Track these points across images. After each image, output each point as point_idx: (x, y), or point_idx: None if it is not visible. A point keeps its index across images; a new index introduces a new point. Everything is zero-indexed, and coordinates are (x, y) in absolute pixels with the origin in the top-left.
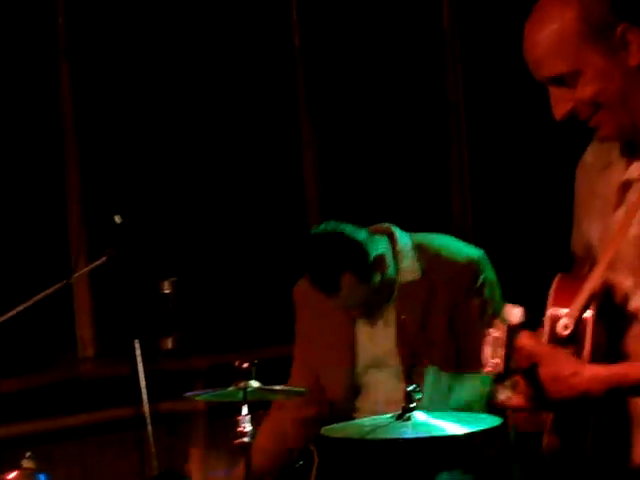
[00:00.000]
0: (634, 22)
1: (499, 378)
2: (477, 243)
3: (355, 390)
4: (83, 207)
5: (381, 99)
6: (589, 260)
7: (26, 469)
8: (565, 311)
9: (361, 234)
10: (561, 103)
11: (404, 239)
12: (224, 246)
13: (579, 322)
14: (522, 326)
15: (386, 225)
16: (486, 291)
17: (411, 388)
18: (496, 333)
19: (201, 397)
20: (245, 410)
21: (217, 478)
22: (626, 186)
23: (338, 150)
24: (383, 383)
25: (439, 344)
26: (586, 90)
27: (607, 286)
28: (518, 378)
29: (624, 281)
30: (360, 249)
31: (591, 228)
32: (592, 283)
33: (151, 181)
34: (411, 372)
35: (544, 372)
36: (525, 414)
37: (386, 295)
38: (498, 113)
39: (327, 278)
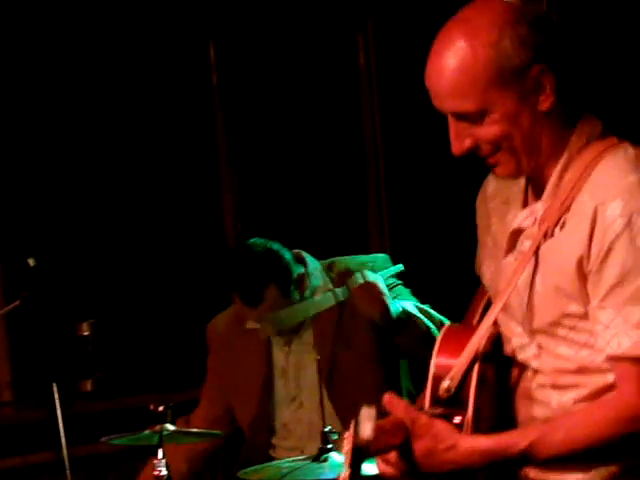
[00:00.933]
0: (550, 65)
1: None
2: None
3: (271, 427)
4: None
5: (298, 136)
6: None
7: None
8: (450, 363)
9: (287, 252)
10: (461, 138)
11: (314, 263)
12: (143, 288)
13: (463, 382)
14: (370, 442)
15: (297, 251)
16: (391, 279)
17: (327, 429)
18: (346, 447)
19: (117, 441)
20: (160, 454)
21: None
22: (517, 233)
23: (257, 187)
24: (304, 419)
25: (359, 345)
26: (490, 130)
27: (496, 338)
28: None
29: (513, 333)
30: (286, 264)
31: (483, 266)
32: (480, 333)
33: (67, 222)
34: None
35: (418, 446)
36: None
37: (303, 316)
38: (416, 148)
39: (252, 288)
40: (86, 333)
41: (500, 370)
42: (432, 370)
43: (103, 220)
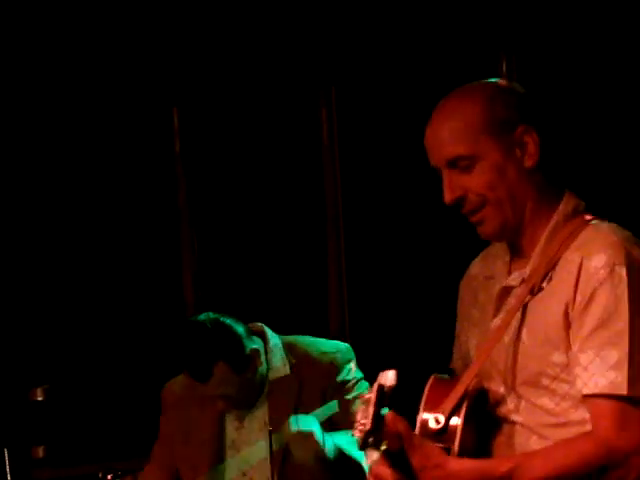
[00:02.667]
0: (534, 125)
1: (367, 439)
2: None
3: None
4: None
5: (260, 204)
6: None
7: None
8: (438, 401)
9: (239, 327)
10: (453, 188)
11: (274, 338)
12: (98, 354)
13: (449, 421)
14: (395, 389)
15: (259, 324)
16: (357, 373)
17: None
18: (368, 395)
19: None
20: None
21: None
22: (506, 292)
23: (218, 254)
24: None
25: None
26: (480, 178)
27: (480, 391)
28: (383, 462)
29: (496, 387)
30: (237, 340)
31: (469, 338)
32: (464, 385)
33: (21, 286)
34: None
35: (410, 459)
36: None
37: (256, 393)
38: (378, 227)
39: (201, 364)
40: (40, 398)
41: (483, 421)
42: (421, 415)
43: (59, 284)
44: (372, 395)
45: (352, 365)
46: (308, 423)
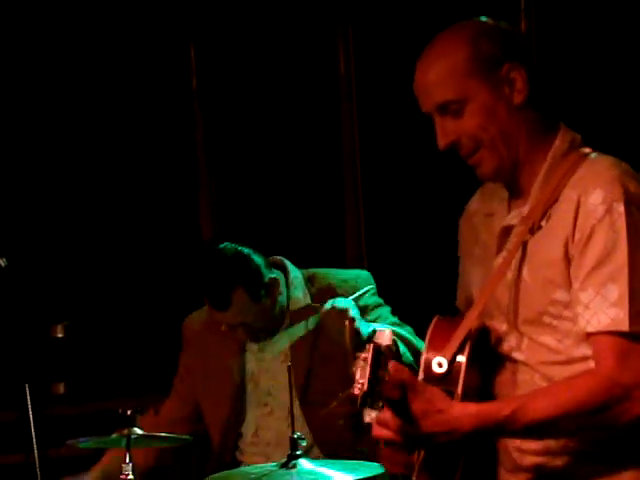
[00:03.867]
0: (521, 62)
1: (365, 399)
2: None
3: (239, 431)
4: None
5: (277, 140)
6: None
7: None
8: (441, 345)
9: (258, 257)
10: (445, 133)
11: (295, 271)
12: (118, 291)
13: (453, 363)
14: (391, 348)
15: (279, 257)
16: (377, 298)
17: (296, 435)
18: (364, 354)
19: (84, 444)
20: (128, 458)
21: None
22: (507, 231)
23: (235, 191)
24: (273, 426)
25: (334, 359)
26: (471, 121)
27: (483, 330)
28: (387, 410)
29: (499, 326)
30: (255, 268)
31: (472, 277)
32: (467, 326)
33: (41, 223)
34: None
35: (414, 406)
36: (393, 451)
37: (276, 322)
38: (394, 159)
39: (219, 291)
40: (60, 335)
41: (486, 359)
42: (424, 355)
43: (78, 222)
44: (368, 355)
45: (373, 291)
46: (344, 302)
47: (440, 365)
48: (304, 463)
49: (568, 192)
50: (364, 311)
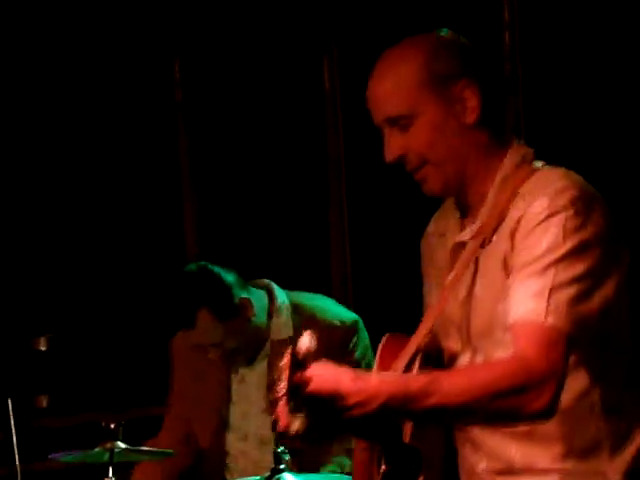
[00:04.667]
0: (476, 79)
1: (289, 404)
2: (356, 308)
3: (224, 451)
4: None
5: (262, 157)
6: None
7: None
8: (391, 362)
9: (230, 276)
10: (393, 147)
11: (282, 296)
12: (102, 303)
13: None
14: (312, 351)
15: (266, 281)
16: (357, 353)
17: (280, 449)
18: (283, 361)
19: (67, 458)
20: (111, 471)
21: None
22: (459, 248)
23: (219, 208)
24: (249, 452)
25: None
26: (418, 137)
27: (435, 349)
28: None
29: (454, 344)
30: (223, 288)
31: (431, 297)
32: (415, 342)
33: (25, 234)
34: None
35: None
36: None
37: (253, 346)
38: (379, 176)
39: (183, 310)
40: (43, 348)
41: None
42: (374, 370)
43: (62, 234)
44: (286, 360)
45: (355, 339)
46: None
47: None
48: (288, 477)
49: (516, 205)
50: (344, 352)
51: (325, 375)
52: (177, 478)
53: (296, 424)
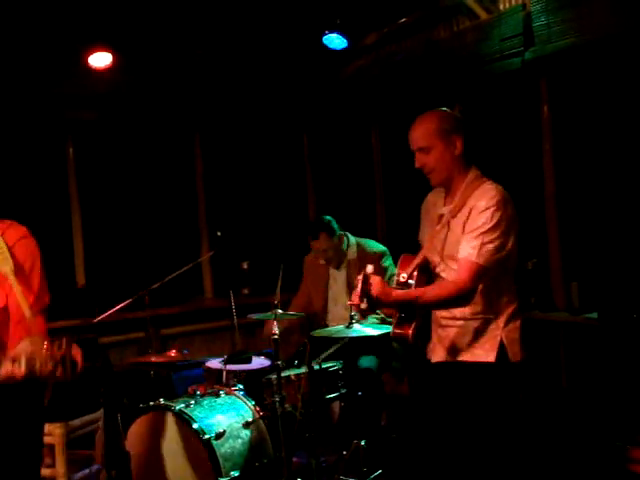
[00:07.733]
0: (461, 134)
1: (359, 306)
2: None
3: (327, 311)
4: None
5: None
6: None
7: None
8: (405, 269)
9: (336, 224)
10: (418, 161)
11: (352, 240)
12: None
13: (410, 276)
14: (370, 274)
15: (347, 233)
16: (387, 264)
17: (353, 314)
18: (359, 277)
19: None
20: (275, 325)
21: None
22: (441, 215)
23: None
24: (337, 311)
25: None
26: (430, 160)
27: (427, 260)
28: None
29: (435, 258)
30: (333, 226)
31: (425, 234)
32: (419, 257)
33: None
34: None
35: (373, 290)
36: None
37: (339, 259)
38: (410, 173)
39: (315, 230)
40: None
41: (429, 276)
42: (397, 271)
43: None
44: (361, 278)
45: (385, 258)
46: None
47: (403, 277)
48: (356, 326)
49: (470, 200)
50: (387, 269)
51: (375, 284)
52: (298, 328)
53: (363, 304)
